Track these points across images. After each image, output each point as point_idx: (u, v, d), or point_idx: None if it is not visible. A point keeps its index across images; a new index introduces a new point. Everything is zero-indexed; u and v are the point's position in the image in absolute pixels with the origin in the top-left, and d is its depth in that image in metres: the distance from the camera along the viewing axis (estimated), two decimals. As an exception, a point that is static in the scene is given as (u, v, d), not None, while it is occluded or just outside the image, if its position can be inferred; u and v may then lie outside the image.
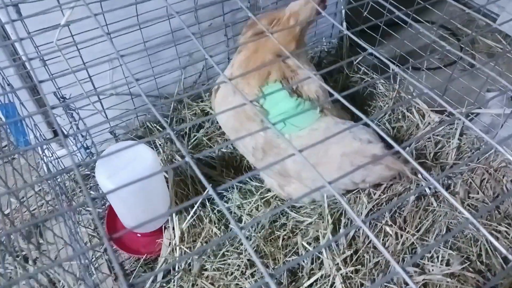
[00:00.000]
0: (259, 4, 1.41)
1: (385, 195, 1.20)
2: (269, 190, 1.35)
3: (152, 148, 1.17)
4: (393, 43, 1.74)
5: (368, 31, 1.19)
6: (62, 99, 1.18)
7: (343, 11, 1.58)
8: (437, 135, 1.29)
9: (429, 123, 1.32)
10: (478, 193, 1.19)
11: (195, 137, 1.48)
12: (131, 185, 1.14)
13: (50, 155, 1.26)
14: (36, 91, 1.24)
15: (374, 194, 1.20)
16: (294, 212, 1.29)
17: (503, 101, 1.61)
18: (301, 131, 1.15)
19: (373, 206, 1.19)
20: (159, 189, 1.20)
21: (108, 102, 1.34)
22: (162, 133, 1.31)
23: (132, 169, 1.07)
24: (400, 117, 1.42)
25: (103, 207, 1.33)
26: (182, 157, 1.40)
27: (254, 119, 1.17)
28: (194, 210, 1.25)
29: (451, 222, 1.15)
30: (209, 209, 1.30)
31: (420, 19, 1.66)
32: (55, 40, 1.03)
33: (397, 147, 0.47)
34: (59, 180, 1.22)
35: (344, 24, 1.57)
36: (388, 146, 1.05)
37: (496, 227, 1.12)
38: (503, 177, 1.20)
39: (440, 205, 1.18)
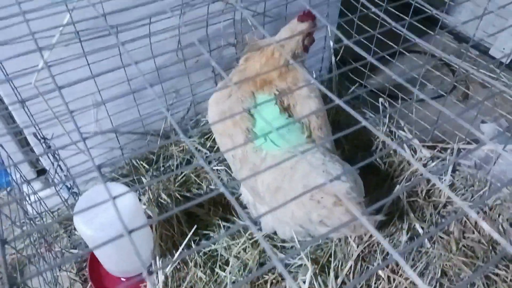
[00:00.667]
0: (246, 41, 1.40)
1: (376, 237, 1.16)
2: (258, 230, 1.30)
3: (134, 187, 1.14)
4: (382, 76, 1.73)
5: (359, 66, 1.17)
6: (43, 140, 1.16)
7: (332, 44, 1.57)
8: (429, 172, 1.25)
9: (420, 159, 1.28)
10: (473, 233, 1.15)
11: (183, 174, 1.44)
12: (111, 230, 1.09)
13: (32, 196, 1.22)
14: (17, 132, 1.22)
15: (365, 235, 1.15)
16: (284, 253, 1.24)
17: (496, 132, 1.59)
18: (278, 151, 1.08)
19: (364, 248, 1.14)
20: (141, 232, 1.16)
21: (93, 140, 1.32)
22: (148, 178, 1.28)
23: (112, 213, 1.03)
24: (391, 152, 1.38)
25: (83, 252, 1.28)
26: (169, 195, 1.36)
27: (240, 125, 1.13)
28: (178, 253, 1.21)
29: (446, 265, 1.10)
30: (195, 251, 1.25)
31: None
32: (34, 81, 1.01)
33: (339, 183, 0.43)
34: (38, 223, 1.18)
35: (333, 58, 1.56)
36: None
37: (493, 270, 1.07)
38: (498, 216, 1.15)
39: (434, 246, 1.13)
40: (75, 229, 1.35)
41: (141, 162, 1.43)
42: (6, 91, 1.09)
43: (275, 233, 1.32)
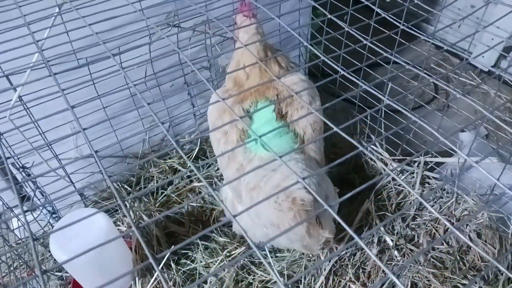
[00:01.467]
0: (220, 63, 1.45)
1: (348, 250, 1.18)
2: (236, 247, 1.33)
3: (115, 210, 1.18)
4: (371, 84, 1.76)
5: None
6: (22, 168, 1.20)
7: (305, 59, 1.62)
8: (399, 185, 1.28)
9: (389, 173, 1.31)
10: (442, 244, 1.17)
11: (164, 194, 1.48)
12: (84, 255, 1.14)
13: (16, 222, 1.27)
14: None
15: (336, 249, 1.18)
16: (261, 271, 1.27)
17: (474, 139, 1.61)
18: (265, 154, 1.09)
19: (335, 262, 1.17)
20: (118, 254, 1.19)
21: (74, 165, 1.36)
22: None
23: (85, 237, 1.07)
24: (364, 165, 1.41)
25: (67, 274, 1.32)
26: (150, 216, 1.40)
27: (236, 124, 1.14)
28: (156, 274, 1.24)
29: (416, 276, 1.12)
30: (174, 270, 1.28)
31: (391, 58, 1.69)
32: (8, 115, 1.06)
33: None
34: (19, 250, 1.21)
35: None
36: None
37: (461, 280, 1.09)
38: (466, 226, 1.17)
39: (404, 258, 1.15)
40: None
41: (123, 185, 1.47)
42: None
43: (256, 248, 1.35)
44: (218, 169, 1.52)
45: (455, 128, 1.65)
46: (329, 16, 0.85)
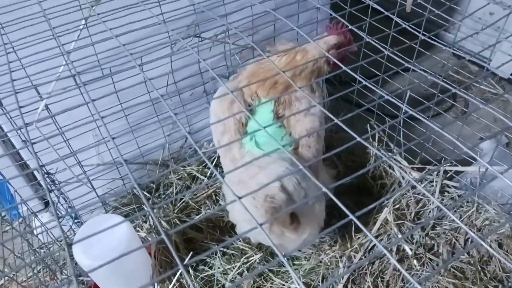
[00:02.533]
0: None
1: (366, 258, 1.18)
2: (255, 253, 1.34)
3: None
4: (388, 91, 1.75)
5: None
6: (47, 175, 1.24)
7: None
8: (418, 193, 1.28)
9: (409, 181, 1.30)
10: (463, 254, 1.16)
11: (182, 201, 1.50)
12: (106, 260, 1.16)
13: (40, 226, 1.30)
14: (24, 166, 1.30)
15: (355, 258, 1.18)
16: (279, 278, 1.27)
17: (495, 148, 1.59)
18: (257, 152, 1.10)
19: (354, 270, 1.17)
20: (138, 260, 1.21)
21: (95, 172, 1.39)
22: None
23: (107, 243, 1.09)
24: (383, 173, 1.41)
25: (87, 278, 1.35)
26: (169, 222, 1.42)
27: (236, 116, 1.16)
28: (176, 278, 1.25)
29: (435, 286, 1.11)
30: (192, 276, 1.30)
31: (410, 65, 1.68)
32: (35, 123, 1.09)
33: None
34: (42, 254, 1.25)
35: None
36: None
37: (482, 291, 1.08)
38: (487, 237, 1.16)
39: (423, 268, 1.14)
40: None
41: (142, 191, 1.49)
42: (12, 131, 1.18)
43: (272, 256, 1.36)
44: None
45: (475, 136, 1.63)
46: (350, 26, 0.86)
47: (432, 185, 1.28)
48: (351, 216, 0.49)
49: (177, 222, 1.42)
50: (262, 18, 1.23)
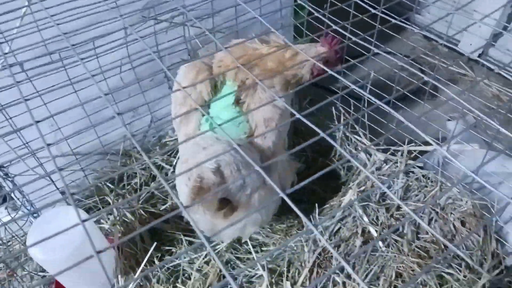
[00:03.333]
0: (200, 56, 1.43)
1: (332, 241, 1.17)
2: (222, 241, 1.32)
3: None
4: (360, 74, 1.74)
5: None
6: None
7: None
8: (383, 175, 1.27)
9: (375, 162, 1.30)
10: (427, 233, 1.16)
11: (147, 191, 1.46)
12: (63, 253, 1.11)
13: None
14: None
15: (320, 241, 1.16)
16: (246, 265, 1.25)
17: (465, 128, 1.60)
18: (210, 133, 1.06)
19: (319, 254, 1.15)
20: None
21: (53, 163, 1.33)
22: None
23: (63, 236, 1.05)
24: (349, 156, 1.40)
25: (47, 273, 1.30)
26: (133, 213, 1.38)
27: (200, 92, 1.13)
28: (140, 269, 1.22)
29: (400, 267, 1.11)
30: (158, 267, 1.27)
31: (385, 48, 1.67)
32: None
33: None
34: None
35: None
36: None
37: (445, 269, 1.08)
38: (449, 215, 1.16)
39: (389, 249, 1.14)
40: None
41: (105, 182, 1.45)
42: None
43: (240, 244, 1.34)
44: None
45: (443, 117, 1.63)
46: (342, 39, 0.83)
47: (397, 166, 1.27)
48: (281, 194, 0.47)
49: (142, 213, 1.39)
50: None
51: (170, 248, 1.32)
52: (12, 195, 1.25)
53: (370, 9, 0.91)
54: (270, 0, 1.41)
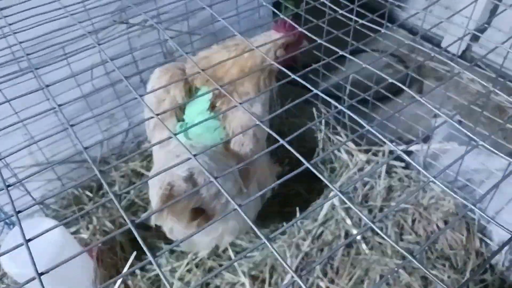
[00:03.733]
0: (175, 53, 1.40)
1: (314, 245, 1.15)
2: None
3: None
4: (340, 75, 1.71)
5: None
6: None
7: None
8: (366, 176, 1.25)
9: (357, 163, 1.28)
10: (410, 235, 1.14)
11: (127, 198, 1.43)
12: (37, 266, 1.08)
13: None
14: None
15: (303, 245, 1.14)
16: (229, 272, 1.23)
17: (451, 126, 1.59)
18: (185, 142, 1.04)
19: (302, 258, 1.13)
20: (76, 263, 1.14)
21: (28, 173, 1.30)
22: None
23: (37, 247, 1.01)
24: (333, 157, 1.38)
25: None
26: (113, 222, 1.35)
27: (175, 98, 1.11)
28: (120, 280, 1.19)
29: (383, 270, 1.09)
30: (139, 276, 1.23)
31: (365, 49, 1.65)
32: None
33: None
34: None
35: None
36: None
37: (429, 270, 1.06)
38: (433, 215, 1.15)
39: (372, 251, 1.12)
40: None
41: (84, 191, 1.41)
42: None
43: (222, 251, 1.31)
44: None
45: (429, 115, 1.62)
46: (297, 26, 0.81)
47: (379, 167, 1.26)
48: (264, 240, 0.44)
49: (122, 221, 1.35)
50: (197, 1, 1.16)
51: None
52: (-15, 207, 1.21)
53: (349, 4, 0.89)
54: (248, 0, 1.39)
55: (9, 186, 0.51)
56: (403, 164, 1.27)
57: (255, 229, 0.48)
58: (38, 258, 1.03)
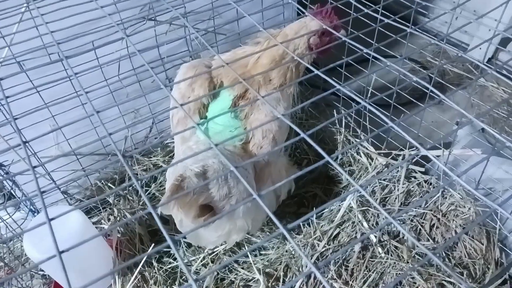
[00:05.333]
0: (200, 53, 1.42)
1: (330, 246, 1.15)
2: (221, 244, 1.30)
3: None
4: (363, 79, 1.71)
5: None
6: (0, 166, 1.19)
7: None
8: (384, 179, 1.25)
9: (376, 166, 1.27)
10: (428, 240, 1.13)
11: (148, 192, 1.46)
12: (57, 244, 1.12)
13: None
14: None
15: (318, 246, 1.15)
16: (243, 269, 1.24)
17: (473, 133, 1.56)
18: (202, 136, 1.06)
19: (317, 258, 1.14)
20: (96, 252, 1.17)
21: (56, 163, 1.35)
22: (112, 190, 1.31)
23: (59, 235, 1.05)
24: (351, 160, 1.38)
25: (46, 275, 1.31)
26: (132, 214, 1.38)
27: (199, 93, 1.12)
28: (138, 269, 1.22)
29: (399, 274, 1.09)
30: (156, 268, 1.26)
31: (390, 52, 1.64)
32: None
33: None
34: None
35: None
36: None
37: (446, 277, 1.05)
38: (452, 222, 1.13)
39: (388, 255, 1.11)
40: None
41: (106, 183, 1.45)
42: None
43: (238, 247, 1.32)
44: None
45: (451, 121, 1.59)
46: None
47: (398, 171, 1.25)
48: (282, 229, 0.45)
49: (142, 214, 1.38)
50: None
51: (168, 250, 1.31)
52: (14, 193, 1.26)
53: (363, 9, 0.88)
54: (273, 2, 1.40)
55: (35, 167, 0.53)
56: (422, 169, 1.26)
57: (273, 218, 0.48)
58: (61, 244, 1.07)
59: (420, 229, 1.15)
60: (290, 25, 1.10)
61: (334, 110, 1.43)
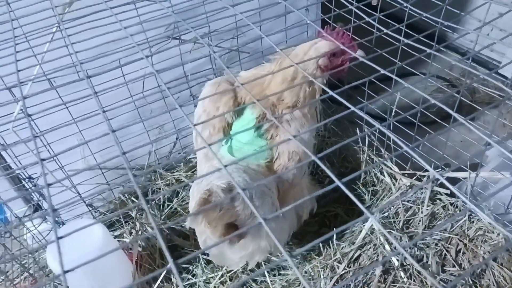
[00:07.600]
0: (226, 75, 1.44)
1: (350, 269, 1.12)
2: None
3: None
4: (387, 98, 1.68)
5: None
6: (28, 179, 1.23)
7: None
8: (408, 201, 1.21)
9: (400, 187, 1.24)
10: (454, 266, 1.08)
11: (170, 207, 1.47)
12: (81, 267, 1.14)
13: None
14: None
15: (338, 268, 1.12)
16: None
17: (503, 155, 1.50)
18: (227, 156, 1.08)
19: (336, 281, 1.11)
20: (116, 266, 1.19)
21: (82, 176, 1.38)
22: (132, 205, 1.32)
23: (81, 248, 1.07)
24: (375, 180, 1.35)
25: None
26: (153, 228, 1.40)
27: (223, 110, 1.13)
28: (156, 285, 1.22)
29: (422, 301, 1.05)
30: (175, 284, 1.26)
31: (415, 71, 1.60)
32: (11, 127, 1.09)
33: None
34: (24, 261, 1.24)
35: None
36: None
37: (473, 306, 1.00)
38: (480, 248, 1.08)
39: (411, 280, 1.07)
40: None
41: (129, 197, 1.48)
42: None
43: (257, 266, 1.31)
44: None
45: (480, 141, 1.54)
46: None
47: (423, 192, 1.21)
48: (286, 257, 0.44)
49: (164, 228, 1.40)
50: (247, 19, 1.20)
51: (188, 266, 1.32)
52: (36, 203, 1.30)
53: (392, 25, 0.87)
54: (296, 21, 1.41)
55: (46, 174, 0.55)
56: (448, 191, 1.21)
57: (279, 246, 0.48)
58: (83, 258, 1.09)
59: (445, 254, 1.11)
60: (302, 45, 1.09)
61: (357, 128, 1.41)
